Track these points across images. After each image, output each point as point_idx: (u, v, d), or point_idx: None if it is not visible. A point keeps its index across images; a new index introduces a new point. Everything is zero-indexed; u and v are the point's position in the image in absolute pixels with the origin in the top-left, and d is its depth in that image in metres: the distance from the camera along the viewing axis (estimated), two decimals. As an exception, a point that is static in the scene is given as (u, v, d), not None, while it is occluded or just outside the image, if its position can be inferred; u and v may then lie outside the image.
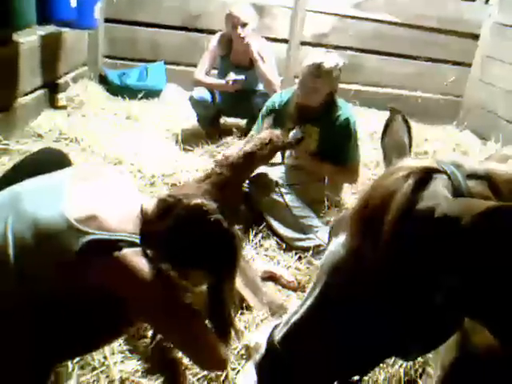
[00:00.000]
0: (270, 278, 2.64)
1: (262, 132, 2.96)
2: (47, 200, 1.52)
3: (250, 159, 2.67)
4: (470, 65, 5.86)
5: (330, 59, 3.03)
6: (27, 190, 1.61)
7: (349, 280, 1.07)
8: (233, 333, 1.73)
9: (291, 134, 3.19)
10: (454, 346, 1.41)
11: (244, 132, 4.41)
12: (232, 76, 4.17)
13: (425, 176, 1.03)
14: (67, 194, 1.54)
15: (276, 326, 1.20)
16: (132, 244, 1.49)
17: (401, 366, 1.92)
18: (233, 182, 1.61)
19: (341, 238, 1.13)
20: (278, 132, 2.90)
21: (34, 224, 1.46)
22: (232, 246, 1.57)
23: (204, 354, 1.64)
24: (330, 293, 1.11)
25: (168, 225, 1.51)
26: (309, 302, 1.14)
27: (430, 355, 1.76)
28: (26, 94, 4.03)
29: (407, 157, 1.25)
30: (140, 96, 5.14)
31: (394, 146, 1.31)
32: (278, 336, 1.17)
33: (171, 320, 1.57)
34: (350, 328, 1.09)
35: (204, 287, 1.70)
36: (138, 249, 1.50)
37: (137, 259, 1.47)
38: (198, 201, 1.52)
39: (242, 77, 4.17)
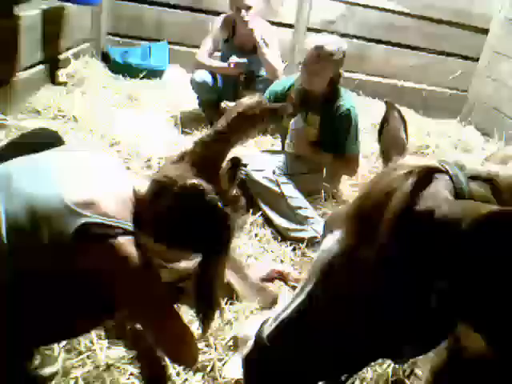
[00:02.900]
0: (279, 276, 2.59)
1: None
2: (43, 181, 1.51)
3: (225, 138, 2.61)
4: (477, 60, 5.78)
5: (332, 42, 2.99)
6: (19, 169, 1.59)
7: (342, 278, 1.05)
8: (217, 314, 1.73)
9: (292, 121, 3.16)
10: (445, 349, 1.39)
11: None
12: (234, 59, 4.11)
13: (426, 176, 1.00)
14: (64, 176, 1.53)
15: (265, 321, 1.18)
16: (126, 231, 1.48)
17: (389, 365, 1.91)
18: (209, 161, 1.58)
19: (336, 235, 1.10)
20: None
21: (29, 204, 1.44)
22: (226, 226, 1.57)
23: (177, 348, 1.66)
24: (323, 290, 1.08)
25: (165, 204, 1.51)
26: (300, 299, 1.12)
27: (419, 357, 1.75)
28: (26, 69, 3.97)
29: (406, 153, 1.22)
30: (142, 75, 5.08)
31: (391, 142, 1.29)
32: (266, 331, 1.14)
33: (150, 312, 1.59)
34: (341, 328, 1.06)
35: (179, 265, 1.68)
36: (131, 237, 1.49)
37: (129, 249, 1.47)
38: (194, 181, 1.51)
39: (244, 60, 4.11)
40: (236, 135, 1.66)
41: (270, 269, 2.58)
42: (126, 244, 1.47)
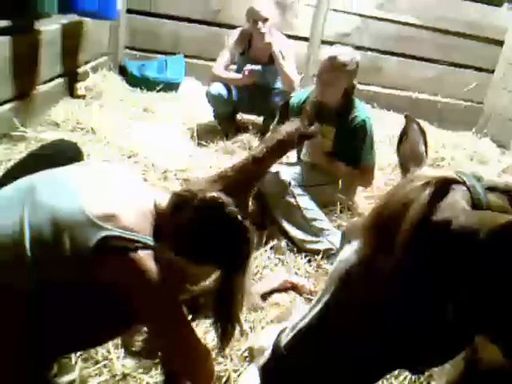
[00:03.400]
0: (292, 287, 2.58)
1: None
2: (64, 194, 1.53)
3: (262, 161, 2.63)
4: (492, 71, 5.77)
5: (346, 53, 3.01)
6: (42, 182, 1.60)
7: (359, 288, 1.05)
8: (237, 329, 1.73)
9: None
10: (461, 360, 1.38)
11: (261, 130, 4.39)
12: (248, 67, 4.14)
13: (443, 186, 1.01)
14: (85, 189, 1.55)
15: (283, 331, 1.19)
16: (146, 245, 1.49)
17: (405, 378, 1.89)
18: (242, 183, 1.60)
19: (353, 245, 1.11)
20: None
21: (52, 217, 1.46)
22: (246, 239, 1.57)
23: (193, 366, 1.65)
24: (340, 300, 1.09)
25: (186, 217, 1.52)
26: (317, 309, 1.12)
27: (435, 369, 1.74)
28: (46, 82, 4.04)
29: (424, 166, 1.23)
30: (158, 88, 5.15)
31: (410, 154, 1.29)
32: (284, 341, 1.15)
33: (166, 327, 1.58)
34: (358, 337, 1.06)
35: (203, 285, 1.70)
36: (151, 251, 1.50)
37: (148, 263, 1.48)
38: (215, 194, 1.53)
39: (258, 67, 4.13)
40: (273, 160, 1.68)
41: (283, 279, 2.58)
42: (146, 258, 1.48)
